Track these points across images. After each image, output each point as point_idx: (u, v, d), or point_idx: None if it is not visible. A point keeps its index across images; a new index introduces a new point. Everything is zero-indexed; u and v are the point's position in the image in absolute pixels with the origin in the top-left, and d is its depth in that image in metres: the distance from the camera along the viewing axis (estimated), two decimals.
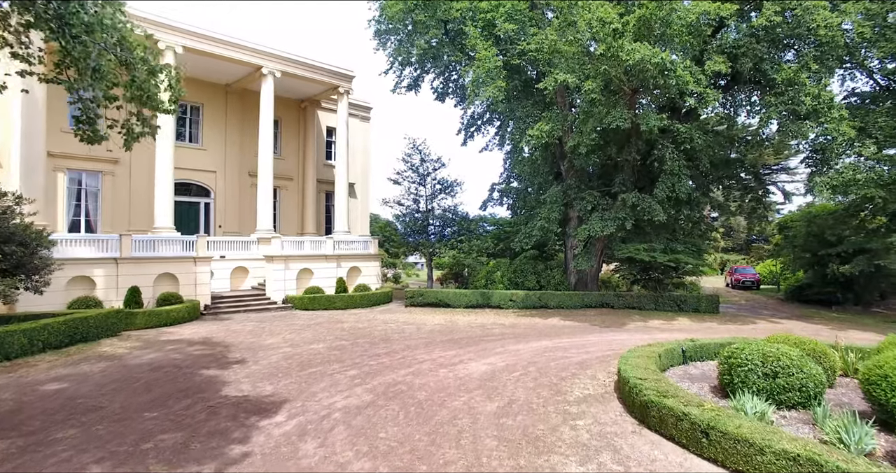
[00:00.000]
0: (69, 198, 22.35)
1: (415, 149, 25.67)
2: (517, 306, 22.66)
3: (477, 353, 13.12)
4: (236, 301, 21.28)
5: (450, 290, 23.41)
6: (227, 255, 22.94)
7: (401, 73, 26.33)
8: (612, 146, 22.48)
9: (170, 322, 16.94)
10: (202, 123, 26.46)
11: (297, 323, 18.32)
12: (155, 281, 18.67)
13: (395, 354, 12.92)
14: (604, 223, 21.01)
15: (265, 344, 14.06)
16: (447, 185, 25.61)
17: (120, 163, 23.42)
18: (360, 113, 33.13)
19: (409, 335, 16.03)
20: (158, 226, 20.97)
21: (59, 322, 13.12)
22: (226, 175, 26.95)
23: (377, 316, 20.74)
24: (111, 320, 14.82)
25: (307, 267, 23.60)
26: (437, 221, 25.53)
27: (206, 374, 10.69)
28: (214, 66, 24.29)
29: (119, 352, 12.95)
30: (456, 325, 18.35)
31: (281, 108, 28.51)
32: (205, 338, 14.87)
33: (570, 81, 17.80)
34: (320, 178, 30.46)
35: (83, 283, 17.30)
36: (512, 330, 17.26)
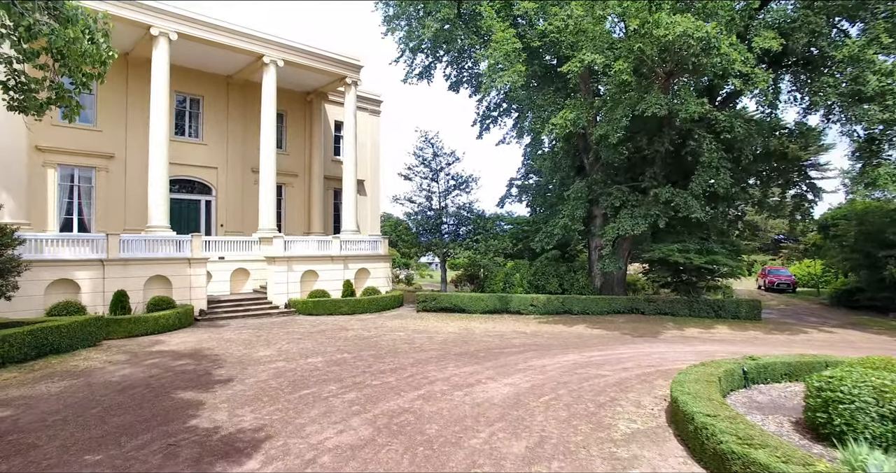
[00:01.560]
0: (60, 196, 21.03)
1: (427, 142, 24.00)
2: (538, 312, 20.87)
3: (497, 370, 11.38)
4: (235, 305, 19.77)
5: (465, 294, 21.68)
6: (227, 256, 21.46)
7: (412, 62, 24.66)
8: (641, 136, 20.57)
9: (158, 329, 15.44)
10: (202, 117, 25.04)
11: (298, 330, 16.72)
12: (145, 284, 17.20)
13: (403, 371, 11.22)
14: (634, 221, 19.15)
15: (257, 357, 12.45)
16: (462, 181, 23.89)
17: (115, 158, 22.07)
18: (369, 106, 31.53)
19: (419, 346, 14.33)
20: (152, 226, 19.54)
21: (23, 332, 11.63)
22: (227, 171, 25.51)
23: (386, 322, 19.08)
24: (89, 328, 13.33)
25: (312, 268, 22.04)
26: (450, 219, 23.85)
27: (180, 397, 9.09)
28: (213, 55, 22.84)
29: (90, 367, 11.43)
30: (472, 334, 16.62)
31: (285, 101, 27.01)
32: (192, 350, 13.31)
33: (599, 62, 15.98)
34: (328, 175, 28.91)
35: (66, 287, 15.87)
36: (534, 340, 15.49)
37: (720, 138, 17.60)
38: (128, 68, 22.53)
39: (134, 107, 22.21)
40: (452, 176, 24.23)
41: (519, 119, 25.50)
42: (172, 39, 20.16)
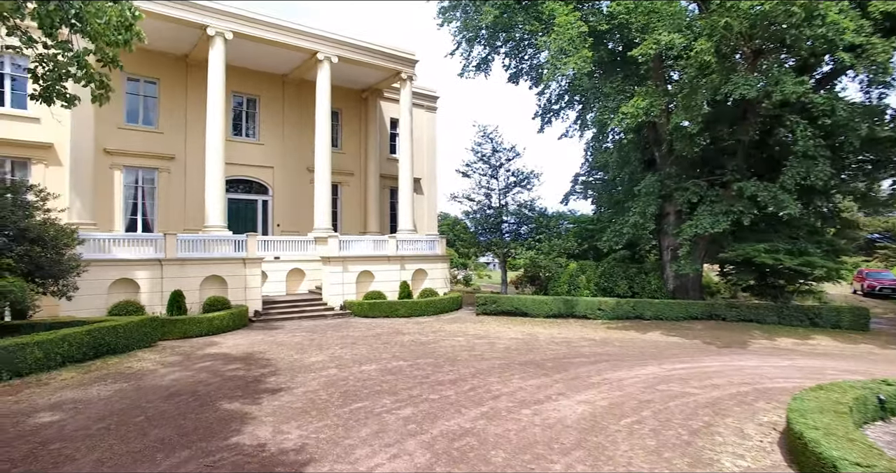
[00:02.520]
0: (126, 197, 21.45)
1: (485, 137, 22.92)
2: (606, 316, 19.35)
3: (567, 384, 10.17)
4: (290, 306, 19.43)
5: (527, 297, 20.44)
6: (283, 256, 21.21)
7: (468, 54, 23.64)
8: (721, 125, 18.65)
9: (212, 330, 15.18)
10: (259, 117, 25.05)
11: (352, 334, 16.06)
12: (202, 284, 17.07)
13: (464, 383, 10.21)
14: (714, 218, 17.32)
15: (308, 364, 11.79)
16: (522, 177, 22.66)
17: (175, 160, 22.34)
18: (424, 102, 30.79)
19: (480, 354, 13.28)
20: (209, 225, 19.49)
21: (81, 332, 11.49)
22: (284, 170, 25.41)
23: (444, 326, 18.16)
24: (144, 329, 13.14)
25: (367, 269, 21.45)
26: (511, 218, 22.67)
27: (225, 409, 8.46)
28: (268, 54, 22.71)
29: (142, 369, 11.11)
30: (536, 340, 15.41)
31: (340, 99, 26.66)
32: (243, 353, 12.85)
33: (677, 42, 14.39)
34: (383, 173, 28.37)
35: (126, 286, 15.93)
36: (605, 349, 14.11)
37: (817, 124, 15.52)
38: (187, 70, 22.77)
39: (193, 108, 22.39)
40: (513, 172, 23.05)
41: (583, 111, 23.98)
42: (228, 39, 20.09)
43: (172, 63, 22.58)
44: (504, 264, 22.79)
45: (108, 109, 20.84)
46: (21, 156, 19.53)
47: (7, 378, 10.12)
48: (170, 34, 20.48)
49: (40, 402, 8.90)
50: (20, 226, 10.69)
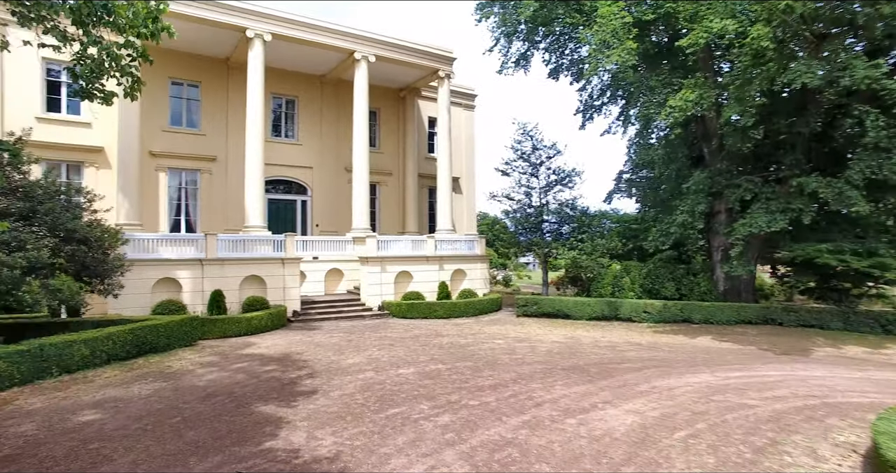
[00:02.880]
0: (170, 198, 21.93)
1: (525, 134, 22.35)
2: (652, 319, 18.51)
3: (614, 391, 9.59)
4: (328, 306, 19.39)
5: (569, 298, 19.78)
6: (321, 256, 21.23)
7: (507, 50, 23.13)
8: (777, 117, 17.52)
9: (251, 330, 15.22)
10: (297, 117, 25.23)
11: (390, 335, 15.83)
12: (241, 284, 17.19)
13: (504, 388, 9.77)
14: (770, 216, 16.25)
15: (345, 366, 11.58)
16: (564, 176, 21.97)
17: (217, 161, 22.71)
18: (462, 101, 30.42)
19: (521, 357, 12.80)
20: (249, 225, 19.68)
21: (124, 331, 11.63)
22: (322, 171, 25.51)
23: (483, 328, 17.72)
24: (184, 328, 13.25)
25: (405, 269, 21.23)
26: (552, 217, 22.01)
27: (260, 411, 8.29)
28: (306, 55, 22.82)
29: (181, 369, 11.14)
30: (579, 344, 14.80)
31: (378, 98, 26.58)
32: (281, 354, 12.76)
33: (731, 29, 13.52)
34: (422, 173, 28.15)
35: (169, 286, 16.18)
36: (653, 354, 13.39)
37: (891, 113, 14.31)
38: (228, 73, 23.12)
39: (234, 110, 22.71)
40: (553, 170, 22.41)
41: (626, 106, 23.08)
42: (267, 40, 20.24)
43: (214, 66, 22.96)
44: (545, 265, 22.14)
45: (152, 113, 21.44)
46: (75, 160, 20.21)
47: (57, 374, 10.31)
48: (211, 38, 20.81)
49: (85, 399, 8.98)
50: (68, 227, 10.89)
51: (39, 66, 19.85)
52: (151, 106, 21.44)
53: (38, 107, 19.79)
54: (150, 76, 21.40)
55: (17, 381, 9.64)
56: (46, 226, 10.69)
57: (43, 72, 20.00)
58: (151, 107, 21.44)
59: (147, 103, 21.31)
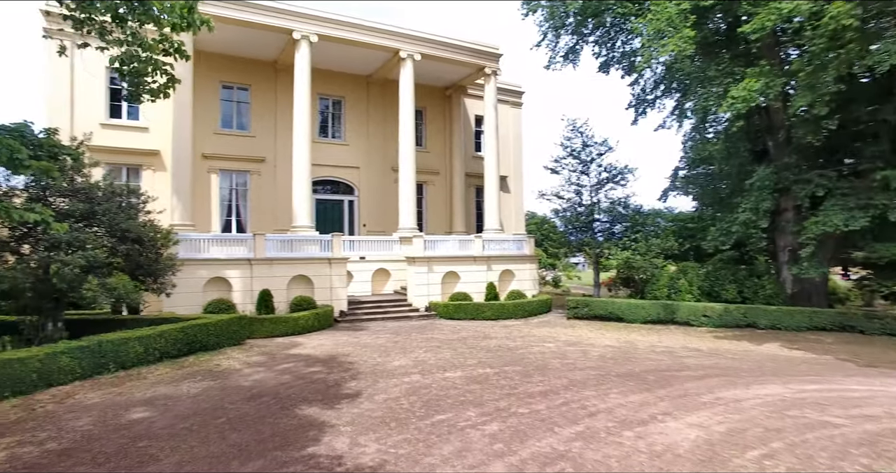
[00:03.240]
0: (221, 199, 22.46)
1: (575, 131, 21.63)
2: (712, 323, 17.47)
3: (674, 402, 8.92)
4: (375, 307, 19.32)
5: (622, 300, 18.96)
6: (368, 256, 21.21)
7: (555, 45, 22.43)
8: (857, 105, 16.15)
9: (297, 330, 15.27)
10: (344, 118, 25.38)
11: (437, 337, 15.54)
12: (289, 283, 17.33)
13: (556, 396, 9.27)
14: (848, 214, 14.99)
15: (391, 368, 11.35)
16: (616, 173, 21.11)
17: (266, 162, 23.10)
18: (509, 98, 29.87)
19: (573, 362, 12.23)
20: (296, 226, 19.85)
21: (176, 329, 11.83)
22: (369, 171, 25.57)
23: (532, 330, 17.19)
24: (233, 328, 13.38)
25: (453, 269, 20.92)
26: (603, 216, 21.20)
27: (304, 414, 8.13)
28: (352, 55, 22.90)
29: (229, 368, 11.19)
30: (634, 349, 14.06)
31: (424, 98, 26.41)
32: (327, 355, 12.68)
33: (802, 8, 12.50)
34: (469, 172, 27.80)
35: (220, 285, 16.47)
36: (714, 361, 12.53)
37: None
38: (276, 75, 23.48)
39: (282, 112, 23.02)
40: (605, 167, 21.57)
41: (682, 99, 21.93)
42: (313, 41, 20.39)
43: (262, 69, 23.37)
44: (596, 265, 21.34)
45: (204, 116, 22.01)
46: (134, 163, 21.00)
47: (114, 370, 10.57)
48: (259, 41, 21.17)
49: (137, 396, 9.11)
50: (123, 227, 11.16)
51: (104, 75, 20.70)
52: (203, 109, 22.02)
53: (101, 113, 20.67)
54: (202, 80, 22.07)
55: (79, 375, 9.92)
56: (104, 226, 10.99)
57: (107, 80, 20.85)
58: (203, 111, 22.02)
59: (199, 107, 21.89)
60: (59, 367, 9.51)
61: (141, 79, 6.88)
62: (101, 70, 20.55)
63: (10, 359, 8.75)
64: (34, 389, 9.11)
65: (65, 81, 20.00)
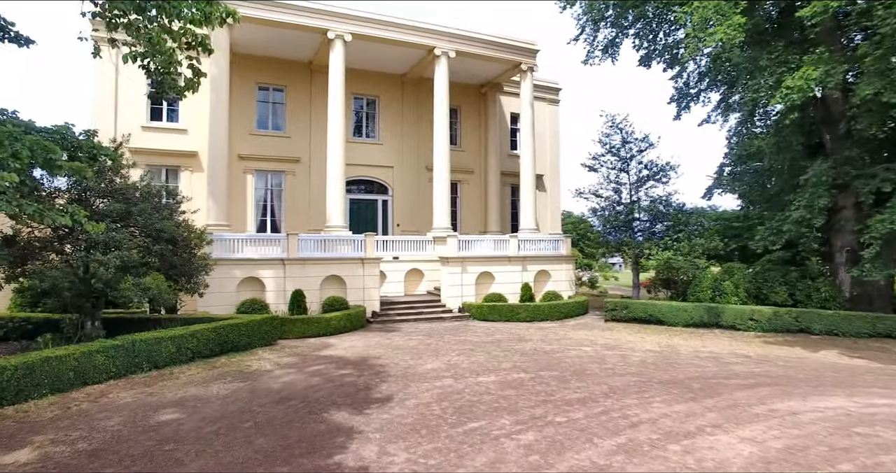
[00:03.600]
0: (257, 199, 22.67)
1: (614, 127, 20.88)
2: (760, 328, 16.53)
3: (723, 413, 8.31)
4: (408, 307, 19.10)
5: (662, 302, 18.17)
6: (401, 256, 21.01)
7: (593, 38, 21.75)
8: None
9: (329, 331, 15.14)
10: (378, 117, 25.28)
11: (471, 339, 15.18)
12: (322, 284, 17.27)
13: (594, 404, 8.78)
14: None
15: (423, 371, 11.05)
16: (657, 170, 20.25)
17: (300, 162, 23.20)
18: (546, 95, 29.23)
19: (612, 367, 11.67)
20: (330, 225, 19.81)
21: (208, 329, 11.83)
22: (403, 170, 25.39)
23: (569, 333, 16.63)
24: (264, 328, 13.34)
25: (487, 270, 20.52)
26: (643, 215, 20.38)
27: (332, 420, 7.90)
28: (387, 54, 22.75)
29: (259, 369, 11.10)
30: (677, 354, 13.37)
31: (459, 96, 26.07)
32: (358, 357, 12.48)
33: None
34: (504, 170, 27.32)
35: (253, 285, 16.53)
36: (765, 369, 11.74)
37: None
38: (311, 76, 23.56)
39: (317, 112, 23.07)
40: (645, 164, 20.74)
41: (728, 92, 20.91)
42: (347, 41, 20.30)
43: (297, 70, 23.48)
44: (636, 266, 20.55)
45: (241, 117, 22.25)
46: (172, 164, 21.40)
47: (147, 369, 10.63)
48: (294, 41, 21.25)
49: (168, 396, 9.08)
50: (157, 227, 11.23)
51: (144, 78, 21.08)
52: (239, 111, 22.27)
53: (143, 116, 21.14)
54: (238, 82, 22.31)
55: (113, 374, 9.99)
56: (139, 226, 11.07)
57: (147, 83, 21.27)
58: (239, 112, 22.27)
59: (235, 108, 22.15)
60: (94, 366, 9.59)
61: (166, 75, 6.76)
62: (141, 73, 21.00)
63: (48, 357, 8.85)
64: (70, 387, 9.20)
65: (109, 85, 20.53)
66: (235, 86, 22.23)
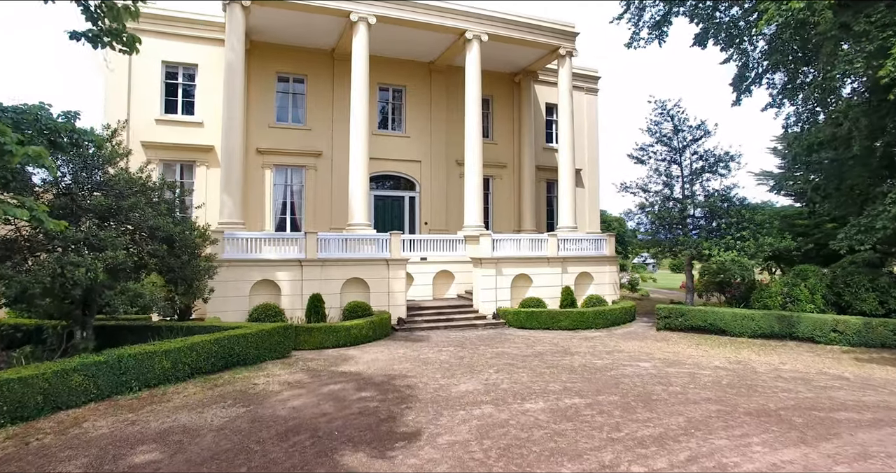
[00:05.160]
0: (276, 196, 21.29)
1: (665, 114, 18.73)
2: (846, 341, 14.25)
3: (855, 466, 6.33)
4: (436, 313, 17.37)
5: (725, 310, 16.00)
6: (429, 257, 19.30)
7: (638, 18, 19.65)
8: None
9: (350, 341, 13.50)
10: (405, 108, 23.62)
11: (509, 351, 13.35)
12: (343, 287, 15.69)
13: (675, 445, 6.90)
14: None
15: (457, 394, 9.29)
16: (715, 161, 18.03)
17: (322, 156, 21.71)
18: (584, 83, 27.16)
19: (681, 390, 9.72)
20: (352, 224, 18.24)
21: (209, 341, 10.31)
22: (431, 165, 23.68)
23: (620, 344, 14.65)
24: (276, 339, 11.76)
25: (524, 272, 18.67)
26: (698, 211, 18.22)
27: (345, 463, 6.22)
28: (414, 39, 21.08)
29: (265, 391, 9.49)
30: (754, 373, 11.30)
31: (491, 85, 24.25)
32: (381, 374, 10.78)
33: None
34: (539, 165, 25.41)
35: (268, 288, 15.04)
36: (877, 398, 9.59)
37: None
38: (333, 65, 22.08)
39: (339, 103, 21.55)
40: (701, 154, 18.52)
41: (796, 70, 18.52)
42: (371, 23, 18.66)
43: (319, 58, 22.02)
44: (689, 268, 18.38)
45: (259, 110, 20.93)
46: (188, 160, 20.17)
47: (137, 389, 9.15)
48: (315, 28, 19.79)
49: (153, 426, 7.54)
50: (150, 226, 9.75)
51: (160, 69, 20.02)
52: (258, 102, 20.93)
53: (157, 109, 19.97)
54: (257, 72, 20.97)
55: (94, 396, 8.53)
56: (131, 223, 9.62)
57: (162, 74, 20.15)
58: (258, 104, 20.93)
59: (253, 100, 20.84)
60: (70, 388, 8.12)
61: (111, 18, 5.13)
62: (156, 64, 19.89)
63: (8, 380, 7.38)
64: (38, 414, 7.73)
65: (122, 76, 19.39)
66: (254, 75, 20.91)
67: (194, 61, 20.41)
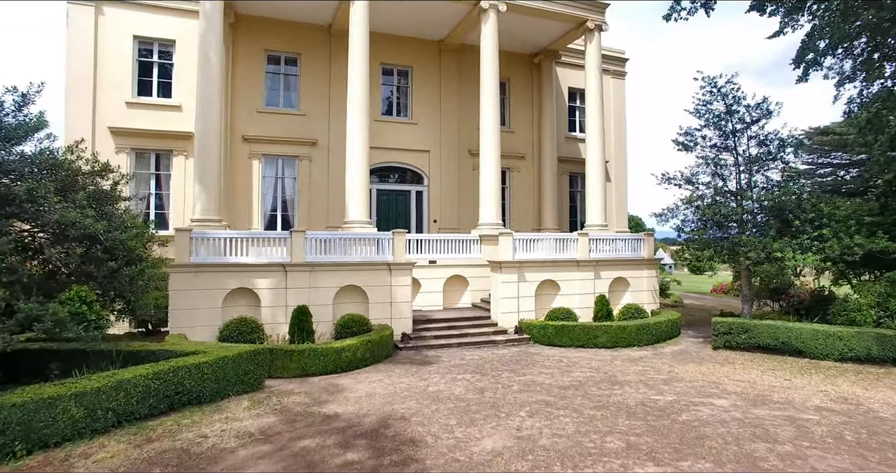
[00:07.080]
0: (265, 190, 18.67)
1: (716, 92, 15.84)
2: None
3: None
4: (448, 327, 14.61)
5: (804, 326, 13.07)
6: (439, 259, 16.55)
7: None
8: None
9: (341, 366, 10.73)
10: (411, 91, 20.90)
11: (541, 381, 10.54)
12: (336, 297, 12.97)
13: None
14: None
15: (480, 459, 6.52)
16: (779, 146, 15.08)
17: (318, 145, 19.07)
18: (611, 66, 24.29)
19: (794, 451, 6.92)
20: (349, 221, 15.55)
21: (145, 376, 7.63)
22: (442, 155, 20.95)
23: (675, 369, 11.80)
24: (245, 367, 9.04)
25: (549, 278, 15.89)
26: (756, 205, 15.30)
27: None
28: (422, 13, 18.46)
29: (217, 446, 6.78)
30: (878, 420, 8.41)
31: (508, 67, 21.47)
32: (376, 418, 8.02)
33: None
34: (561, 156, 22.64)
35: (245, 298, 12.35)
36: None
37: None
38: (330, 42, 19.45)
39: (337, 86, 18.87)
40: (761, 139, 15.60)
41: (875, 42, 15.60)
42: None
43: (314, 34, 19.37)
44: (748, 273, 15.42)
45: (246, 92, 18.41)
46: (164, 148, 17.68)
47: (21, 453, 6.35)
48: None
49: None
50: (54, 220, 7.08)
51: (131, 45, 17.47)
52: (244, 83, 18.34)
53: (128, 91, 17.43)
54: (243, 49, 18.45)
55: None
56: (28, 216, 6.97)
57: (135, 51, 17.60)
58: (244, 86, 18.34)
59: (239, 81, 18.28)
60: None
61: None
62: (127, 39, 17.36)
63: None
64: None
65: (87, 53, 16.84)
66: (240, 53, 18.35)
67: (171, 37, 17.83)
